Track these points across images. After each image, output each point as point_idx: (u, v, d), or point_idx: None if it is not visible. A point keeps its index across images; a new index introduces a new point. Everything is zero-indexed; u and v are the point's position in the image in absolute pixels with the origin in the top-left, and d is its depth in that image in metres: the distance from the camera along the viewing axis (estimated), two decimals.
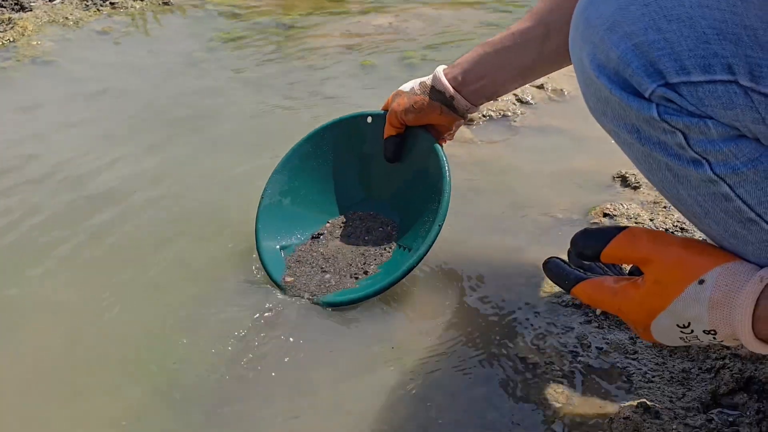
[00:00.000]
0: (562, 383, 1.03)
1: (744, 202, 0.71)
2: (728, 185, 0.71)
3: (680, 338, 0.76)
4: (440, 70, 1.17)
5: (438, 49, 2.18)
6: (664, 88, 0.68)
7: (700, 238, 1.25)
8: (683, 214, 0.80)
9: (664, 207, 1.37)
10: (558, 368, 1.05)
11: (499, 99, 1.80)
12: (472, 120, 1.72)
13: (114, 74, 2.09)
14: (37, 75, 2.07)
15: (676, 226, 1.31)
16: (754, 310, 0.70)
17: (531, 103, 1.79)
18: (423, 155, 1.23)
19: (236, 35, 2.33)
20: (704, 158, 0.70)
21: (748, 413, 0.95)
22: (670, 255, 0.74)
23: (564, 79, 1.92)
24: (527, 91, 1.83)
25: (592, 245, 0.79)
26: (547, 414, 0.99)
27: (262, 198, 1.29)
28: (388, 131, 1.24)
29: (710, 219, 0.75)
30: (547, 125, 1.71)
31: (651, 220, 1.33)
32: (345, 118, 1.32)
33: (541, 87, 1.86)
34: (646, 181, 1.43)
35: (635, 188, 1.43)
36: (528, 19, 1.09)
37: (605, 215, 1.35)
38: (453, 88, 1.14)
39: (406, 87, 1.21)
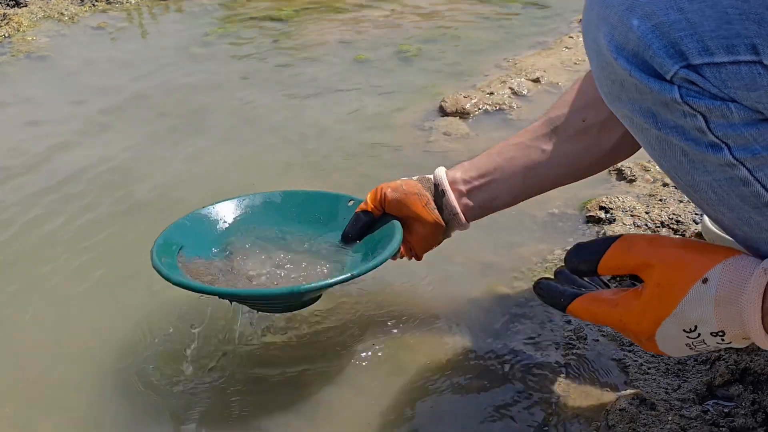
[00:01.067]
0: (558, 375, 1.04)
1: (763, 186, 0.70)
2: (747, 169, 0.69)
3: (687, 345, 0.74)
4: (442, 168, 1.09)
5: (434, 42, 2.18)
6: (687, 69, 0.66)
7: (693, 237, 1.26)
8: (695, 202, 0.78)
9: (660, 200, 1.37)
10: (554, 361, 1.06)
11: (496, 92, 1.80)
12: (464, 116, 1.72)
13: (109, 69, 2.09)
14: (31, 70, 2.07)
15: (672, 218, 1.31)
16: (762, 304, 0.68)
17: (527, 96, 1.80)
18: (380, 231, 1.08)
19: (231, 30, 2.33)
20: (724, 142, 0.68)
21: (743, 404, 0.96)
22: (670, 256, 0.73)
23: (560, 71, 1.93)
24: (523, 84, 1.84)
25: (587, 258, 0.77)
26: (543, 406, 0.99)
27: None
28: (363, 206, 1.09)
29: (724, 206, 0.74)
30: None
31: (647, 212, 1.33)
32: (326, 194, 1.19)
33: (536, 80, 1.87)
34: (642, 174, 1.44)
35: (631, 181, 1.44)
36: (538, 121, 1.06)
37: (601, 208, 1.35)
38: (449, 183, 1.07)
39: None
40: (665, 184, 1.41)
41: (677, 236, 1.27)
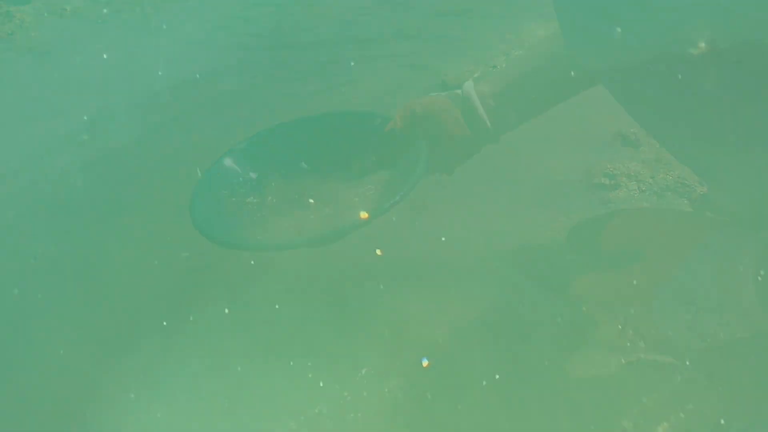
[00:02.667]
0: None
1: None
2: None
3: None
4: (470, 82, 1.09)
5: (440, 16, 2.16)
6: None
7: (700, 194, 1.24)
8: None
9: (665, 164, 1.34)
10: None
11: (498, 65, 1.78)
12: None
13: (110, 63, 2.09)
14: (36, 65, 2.08)
15: (678, 182, 1.29)
16: None
17: None
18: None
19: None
20: None
21: None
22: None
23: None
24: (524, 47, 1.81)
25: None
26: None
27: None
28: (392, 125, 1.09)
29: None
30: None
31: (652, 177, 1.31)
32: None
33: None
34: (647, 139, 1.42)
35: (636, 146, 1.41)
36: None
37: (605, 175, 1.33)
38: (479, 97, 1.07)
39: None
40: None
41: (684, 200, 1.25)
